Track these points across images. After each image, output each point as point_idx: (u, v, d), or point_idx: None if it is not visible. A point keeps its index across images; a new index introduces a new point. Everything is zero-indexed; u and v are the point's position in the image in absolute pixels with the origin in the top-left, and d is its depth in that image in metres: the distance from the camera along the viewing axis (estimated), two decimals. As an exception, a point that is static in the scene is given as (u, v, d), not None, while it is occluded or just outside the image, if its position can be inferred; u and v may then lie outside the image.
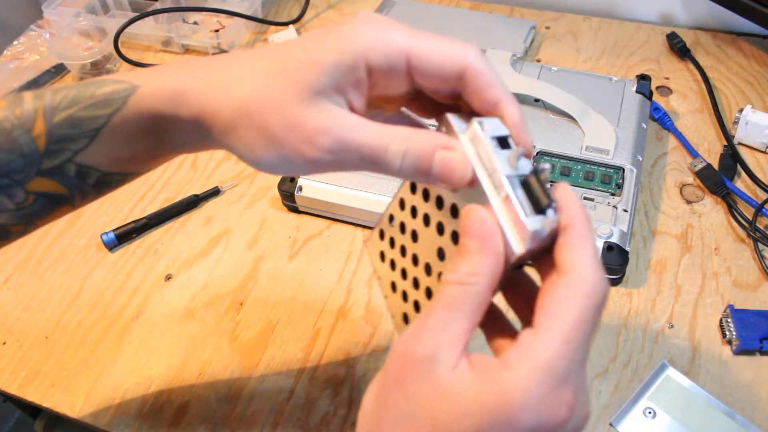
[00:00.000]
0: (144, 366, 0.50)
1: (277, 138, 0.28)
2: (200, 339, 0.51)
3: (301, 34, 0.79)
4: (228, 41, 0.76)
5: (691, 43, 0.73)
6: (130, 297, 0.54)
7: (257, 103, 0.29)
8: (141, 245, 0.58)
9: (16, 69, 0.78)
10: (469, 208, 0.27)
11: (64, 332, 0.52)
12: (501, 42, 0.71)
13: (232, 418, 0.46)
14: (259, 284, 0.54)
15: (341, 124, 0.28)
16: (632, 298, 0.51)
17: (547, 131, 0.59)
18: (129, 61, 0.72)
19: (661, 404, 0.44)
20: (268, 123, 0.28)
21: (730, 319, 0.48)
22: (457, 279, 0.26)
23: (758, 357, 0.47)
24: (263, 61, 0.30)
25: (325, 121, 0.28)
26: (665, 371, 0.46)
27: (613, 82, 0.64)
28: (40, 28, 0.83)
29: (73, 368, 0.50)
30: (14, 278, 0.57)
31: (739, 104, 0.66)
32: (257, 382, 0.48)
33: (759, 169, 0.60)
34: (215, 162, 0.65)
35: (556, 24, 0.78)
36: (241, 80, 0.29)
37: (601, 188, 0.54)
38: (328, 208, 0.57)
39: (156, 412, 0.47)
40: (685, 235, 0.55)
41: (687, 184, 0.59)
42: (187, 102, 0.30)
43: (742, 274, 0.52)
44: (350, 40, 0.29)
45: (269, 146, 0.29)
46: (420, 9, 0.78)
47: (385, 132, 0.28)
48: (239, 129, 0.29)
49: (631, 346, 0.48)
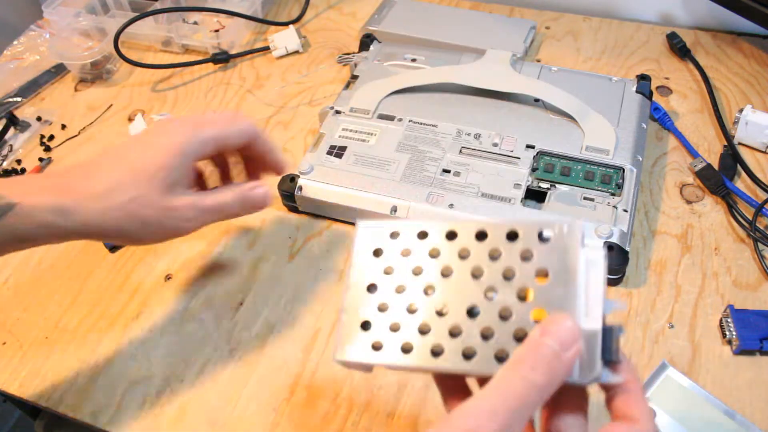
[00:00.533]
0: (144, 366, 0.50)
1: (157, 224, 0.42)
2: (200, 339, 0.51)
3: (305, 35, 0.79)
4: (228, 41, 0.76)
5: (691, 43, 0.73)
6: (130, 297, 0.54)
7: (135, 204, 0.40)
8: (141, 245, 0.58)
9: (16, 69, 0.78)
10: (565, 316, 0.27)
11: (64, 332, 0.52)
12: (501, 42, 0.71)
13: (232, 418, 0.46)
14: (259, 284, 0.54)
15: (196, 199, 0.43)
16: (632, 298, 0.51)
17: (547, 131, 0.59)
18: (129, 61, 0.72)
19: (661, 404, 0.44)
20: (148, 217, 0.41)
21: (730, 319, 0.48)
22: (526, 376, 0.26)
23: (758, 357, 0.47)
24: (123, 167, 0.41)
25: (186, 201, 0.43)
26: (665, 371, 0.46)
27: (613, 82, 0.64)
28: (40, 28, 0.83)
29: (73, 368, 0.50)
30: (14, 278, 0.57)
31: (739, 104, 0.66)
32: (257, 382, 0.48)
33: (759, 169, 0.60)
34: (215, 162, 0.65)
35: (556, 24, 0.78)
36: (113, 191, 0.40)
37: (601, 188, 0.54)
38: (328, 208, 0.57)
39: (156, 412, 0.47)
40: (685, 235, 0.55)
41: (687, 184, 0.59)
42: (72, 216, 0.39)
43: (742, 274, 0.52)
44: (175, 143, 0.42)
45: (152, 233, 0.42)
46: (420, 9, 0.78)
47: (219, 193, 0.45)
48: (123, 227, 0.41)
49: (631, 346, 0.48)
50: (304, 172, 0.57)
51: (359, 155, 0.58)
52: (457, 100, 0.63)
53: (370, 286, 0.32)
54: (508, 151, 0.57)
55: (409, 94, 0.64)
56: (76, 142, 0.69)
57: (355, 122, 0.61)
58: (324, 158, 0.58)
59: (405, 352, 0.30)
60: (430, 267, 0.31)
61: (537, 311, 0.29)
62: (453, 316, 0.30)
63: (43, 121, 0.72)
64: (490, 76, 0.63)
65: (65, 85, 0.77)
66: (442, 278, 0.31)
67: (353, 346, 0.31)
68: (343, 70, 0.74)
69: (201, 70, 0.76)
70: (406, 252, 0.32)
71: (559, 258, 0.29)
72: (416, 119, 0.61)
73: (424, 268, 0.31)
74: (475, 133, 0.59)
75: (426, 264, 0.31)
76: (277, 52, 0.77)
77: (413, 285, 0.31)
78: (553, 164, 0.56)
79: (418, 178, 0.56)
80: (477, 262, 0.30)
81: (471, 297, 0.30)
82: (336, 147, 0.59)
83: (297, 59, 0.77)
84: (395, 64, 0.67)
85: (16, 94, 0.75)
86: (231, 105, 0.71)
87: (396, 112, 0.62)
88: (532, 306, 0.29)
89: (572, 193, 0.54)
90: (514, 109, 0.61)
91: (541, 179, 0.56)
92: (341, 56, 0.74)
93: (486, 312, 0.29)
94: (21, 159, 0.68)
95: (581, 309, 0.28)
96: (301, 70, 0.75)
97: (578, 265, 0.28)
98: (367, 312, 0.32)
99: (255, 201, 0.46)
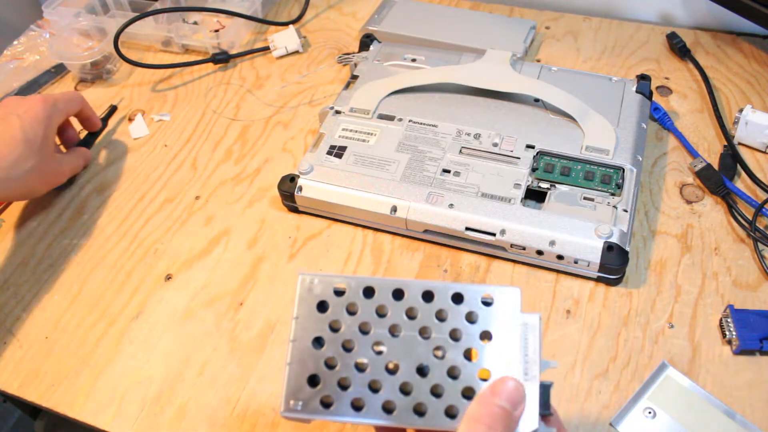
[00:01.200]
0: (144, 366, 0.50)
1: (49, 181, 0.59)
2: (200, 339, 0.51)
3: (305, 35, 0.79)
4: (228, 41, 0.76)
5: (691, 43, 0.73)
6: (130, 297, 0.54)
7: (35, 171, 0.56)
8: (141, 245, 0.58)
9: (16, 69, 0.78)
10: (510, 378, 0.31)
11: (64, 332, 0.52)
12: (501, 42, 0.71)
13: (232, 418, 0.46)
14: (259, 284, 0.54)
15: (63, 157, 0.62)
16: (632, 298, 0.51)
17: (547, 131, 0.59)
18: (129, 61, 0.72)
19: (661, 404, 0.44)
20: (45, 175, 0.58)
21: (730, 319, 0.48)
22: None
23: (758, 357, 0.47)
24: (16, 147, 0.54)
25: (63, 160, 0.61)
26: (665, 371, 0.46)
27: (613, 82, 0.64)
28: (40, 28, 0.83)
29: (73, 368, 0.50)
30: (14, 278, 0.57)
31: (739, 104, 0.66)
32: (257, 382, 0.48)
33: (759, 169, 0.60)
34: (215, 162, 0.65)
35: (556, 24, 0.78)
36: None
37: (601, 188, 0.54)
38: (328, 208, 0.57)
39: (156, 412, 0.47)
40: (685, 235, 0.55)
41: (687, 184, 0.59)
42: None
43: (742, 274, 0.52)
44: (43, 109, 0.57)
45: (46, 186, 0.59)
46: (420, 9, 0.78)
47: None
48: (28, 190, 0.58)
49: (631, 346, 0.48)
50: (304, 172, 0.57)
51: (359, 155, 0.58)
52: (457, 100, 0.63)
53: (315, 340, 0.32)
54: (508, 151, 0.57)
55: (409, 94, 0.64)
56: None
57: (355, 122, 0.61)
58: (324, 158, 0.58)
59: (356, 409, 0.31)
60: (378, 325, 0.32)
61: (483, 371, 0.31)
62: (404, 374, 0.31)
63: (43, 121, 0.72)
64: (490, 76, 0.63)
65: (65, 85, 0.77)
66: (391, 336, 0.32)
67: (301, 402, 0.32)
68: (343, 70, 0.74)
69: (201, 70, 0.76)
70: (353, 308, 0.32)
71: (500, 322, 0.31)
72: (416, 119, 0.61)
73: (372, 325, 0.32)
74: (475, 133, 0.59)
75: (373, 322, 0.32)
76: (277, 52, 0.77)
77: (361, 342, 0.32)
78: (553, 164, 0.56)
79: (418, 178, 0.56)
80: (425, 323, 0.32)
81: (420, 356, 0.32)
82: (336, 147, 0.59)
83: (297, 59, 0.77)
84: (395, 64, 0.68)
85: (16, 94, 0.75)
86: (231, 105, 0.71)
87: (396, 112, 0.62)
88: (478, 366, 0.31)
89: (572, 193, 0.54)
90: (514, 109, 0.61)
91: (541, 179, 0.56)
92: (341, 56, 0.74)
93: (435, 370, 0.31)
94: (21, 159, 0.68)
95: (522, 370, 0.31)
96: (301, 70, 0.75)
97: (517, 330, 0.31)
98: (314, 367, 0.32)
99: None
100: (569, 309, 0.51)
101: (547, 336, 0.49)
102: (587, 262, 0.51)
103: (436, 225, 0.54)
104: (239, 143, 0.67)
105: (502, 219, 0.52)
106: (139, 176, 0.64)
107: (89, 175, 0.65)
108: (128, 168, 0.66)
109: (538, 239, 0.51)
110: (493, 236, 0.52)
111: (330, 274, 0.33)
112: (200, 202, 0.61)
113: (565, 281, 0.53)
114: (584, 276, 0.52)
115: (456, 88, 0.63)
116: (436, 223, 0.53)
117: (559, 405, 0.46)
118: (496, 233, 0.52)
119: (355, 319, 0.32)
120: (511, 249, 0.53)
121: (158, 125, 0.70)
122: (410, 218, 0.54)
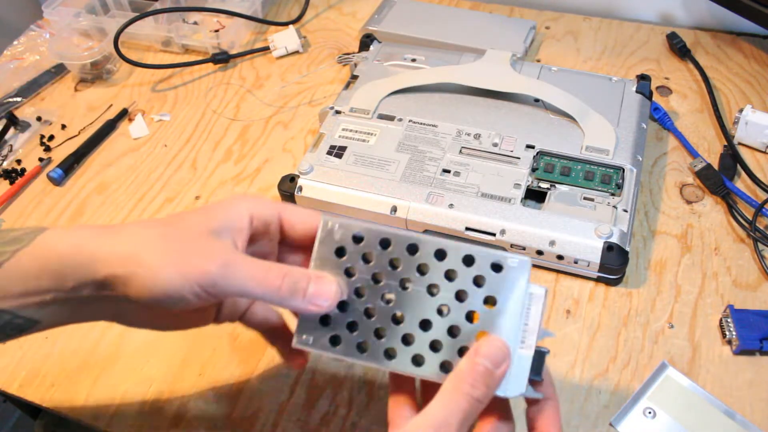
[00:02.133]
0: (144, 366, 0.50)
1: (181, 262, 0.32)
2: (200, 339, 0.51)
3: (305, 35, 0.79)
4: (228, 41, 0.76)
5: (691, 43, 0.73)
6: (130, 297, 0.54)
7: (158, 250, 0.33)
8: (141, 245, 0.58)
9: (16, 69, 0.78)
10: (497, 338, 0.32)
11: (64, 332, 0.52)
12: (501, 42, 0.71)
13: (232, 418, 0.46)
14: (259, 284, 0.54)
15: (230, 250, 0.34)
16: (632, 298, 0.51)
17: (547, 131, 0.59)
18: (129, 61, 0.72)
19: (661, 404, 0.44)
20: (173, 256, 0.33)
21: (730, 319, 0.48)
22: (468, 392, 0.31)
23: (758, 357, 0.47)
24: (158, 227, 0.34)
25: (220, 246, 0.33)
26: (665, 371, 0.46)
27: (613, 82, 0.64)
28: (40, 28, 0.83)
29: (73, 368, 0.50)
30: (14, 278, 0.57)
31: (739, 104, 0.66)
32: (257, 382, 0.48)
33: (759, 169, 0.60)
34: (215, 162, 0.65)
35: (556, 24, 0.78)
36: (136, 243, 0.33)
37: (601, 188, 0.54)
38: (328, 208, 0.57)
39: (156, 412, 0.47)
40: (685, 235, 0.55)
41: (687, 184, 0.59)
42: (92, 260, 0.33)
43: (742, 274, 0.52)
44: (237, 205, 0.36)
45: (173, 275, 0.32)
46: (420, 9, 0.78)
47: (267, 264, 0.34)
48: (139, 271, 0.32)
49: (631, 346, 0.48)
50: (304, 172, 0.57)
51: (359, 155, 0.58)
52: (457, 100, 0.63)
53: None
54: (508, 151, 0.57)
55: (409, 94, 0.64)
56: (76, 142, 0.69)
57: (355, 122, 0.61)
58: (324, 158, 0.58)
59: (361, 351, 0.34)
60: (390, 276, 0.34)
61: (481, 333, 0.32)
62: (407, 325, 0.33)
63: (43, 121, 0.72)
64: (490, 76, 0.63)
65: (65, 85, 0.77)
66: (401, 289, 0.34)
67: (313, 337, 0.34)
68: (343, 70, 0.74)
69: (201, 70, 0.76)
70: (369, 256, 0.34)
71: (507, 288, 0.32)
72: (416, 119, 0.61)
73: (384, 276, 0.34)
74: (475, 133, 0.59)
75: (386, 273, 0.34)
76: (277, 52, 0.77)
77: (372, 291, 0.34)
78: (553, 164, 0.56)
79: (418, 178, 0.56)
80: (434, 280, 0.33)
81: (425, 311, 0.33)
82: (336, 147, 0.59)
83: (297, 59, 0.77)
84: (395, 64, 0.68)
85: (16, 94, 0.75)
86: (231, 105, 0.71)
87: (396, 112, 0.62)
88: (477, 328, 0.32)
89: (572, 193, 0.54)
90: (514, 109, 0.61)
91: (541, 179, 0.56)
92: (341, 56, 0.74)
93: (437, 327, 0.33)
94: (21, 159, 0.68)
95: (519, 337, 0.32)
96: (301, 70, 0.75)
97: (522, 298, 0.32)
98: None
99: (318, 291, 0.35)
100: (569, 309, 0.51)
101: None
102: (587, 262, 0.51)
103: (436, 225, 0.54)
104: (239, 143, 0.67)
105: (502, 219, 0.52)
106: (139, 176, 0.64)
107: (89, 175, 0.65)
108: (128, 168, 0.66)
109: (538, 239, 0.51)
110: (493, 236, 0.52)
111: (351, 220, 0.35)
112: (200, 202, 0.61)
113: (565, 281, 0.53)
114: (584, 276, 0.52)
115: (456, 88, 0.63)
116: (436, 223, 0.53)
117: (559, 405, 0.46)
118: (496, 233, 0.52)
119: (369, 267, 0.34)
120: (511, 249, 0.53)
121: (158, 125, 0.70)
122: (410, 218, 0.54)
